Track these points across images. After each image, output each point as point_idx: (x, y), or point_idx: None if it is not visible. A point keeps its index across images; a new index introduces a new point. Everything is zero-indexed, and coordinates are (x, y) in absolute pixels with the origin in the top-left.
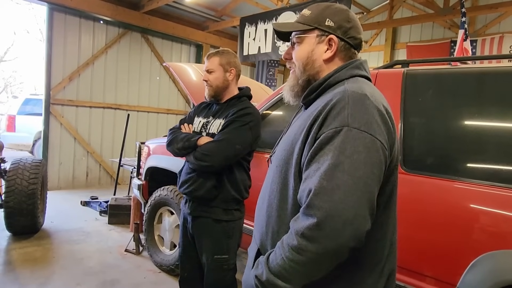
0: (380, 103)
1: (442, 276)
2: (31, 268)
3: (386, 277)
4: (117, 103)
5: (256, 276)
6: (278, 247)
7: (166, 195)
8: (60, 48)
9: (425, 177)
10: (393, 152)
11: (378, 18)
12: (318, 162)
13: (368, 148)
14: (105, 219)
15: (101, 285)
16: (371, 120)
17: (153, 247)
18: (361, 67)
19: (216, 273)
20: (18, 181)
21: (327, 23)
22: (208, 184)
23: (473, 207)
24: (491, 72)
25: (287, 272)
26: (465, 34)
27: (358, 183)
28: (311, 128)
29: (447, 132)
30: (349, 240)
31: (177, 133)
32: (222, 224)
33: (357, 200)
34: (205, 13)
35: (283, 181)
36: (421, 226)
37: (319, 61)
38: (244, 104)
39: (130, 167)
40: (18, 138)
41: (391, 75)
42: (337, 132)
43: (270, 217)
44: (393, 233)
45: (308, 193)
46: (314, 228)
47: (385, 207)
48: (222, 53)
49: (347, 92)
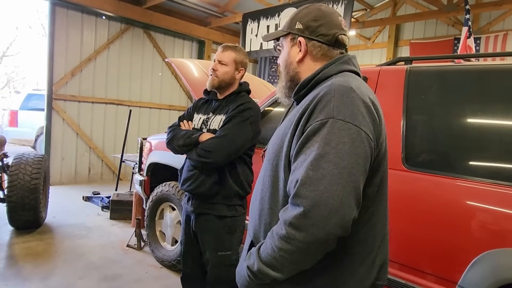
0: (366, 95)
1: (443, 273)
2: (33, 262)
3: (378, 268)
4: (119, 98)
5: (248, 267)
6: (269, 238)
7: (167, 191)
8: (62, 43)
9: (427, 175)
10: (379, 143)
11: (381, 15)
12: (305, 153)
13: (353, 139)
14: (107, 215)
15: (102, 279)
16: (356, 112)
17: (155, 242)
18: (350, 62)
19: (219, 270)
20: (21, 176)
21: (296, 26)
22: (210, 181)
23: (475, 205)
24: (495, 69)
25: (277, 261)
26: (468, 31)
27: (343, 173)
28: (299, 121)
29: (450, 129)
30: (336, 228)
31: (177, 130)
32: (225, 220)
33: (342, 189)
34: (207, 9)
35: (274, 174)
36: (423, 223)
37: (294, 63)
38: (244, 99)
39: (132, 163)
40: (20, 133)
41: (394, 72)
42: (323, 124)
43: (262, 209)
44: (384, 225)
45: (295, 183)
46: (301, 217)
47: (375, 198)
48: (239, 50)
49: (333, 86)
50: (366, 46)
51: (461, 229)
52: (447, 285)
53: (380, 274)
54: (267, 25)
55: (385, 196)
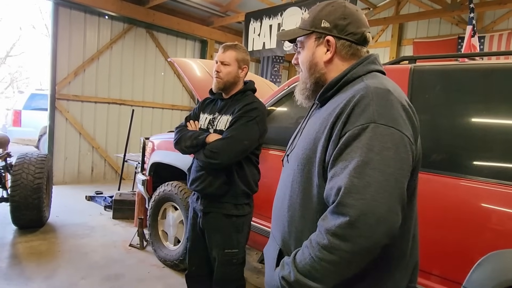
0: (403, 98)
1: (448, 274)
2: (36, 261)
3: (411, 270)
4: (122, 98)
5: (283, 277)
6: (306, 247)
7: (170, 190)
8: (65, 43)
9: (432, 175)
10: (417, 147)
11: (384, 14)
12: (346, 160)
13: (396, 144)
14: (109, 214)
15: (105, 279)
16: (397, 116)
17: (157, 242)
18: (376, 62)
19: (226, 267)
20: (24, 175)
21: (322, 25)
22: (218, 181)
23: (480, 205)
24: (500, 68)
25: (317, 272)
26: (473, 30)
27: (389, 180)
28: (334, 125)
29: (455, 129)
30: (383, 237)
31: (184, 131)
32: (233, 218)
33: (389, 197)
34: (210, 8)
35: (306, 180)
36: (428, 224)
37: (320, 63)
38: (250, 99)
39: (134, 163)
40: (24, 133)
41: (397, 71)
42: (363, 129)
43: (292, 216)
44: (415, 226)
45: (338, 191)
46: (347, 227)
47: (409, 201)
48: (239, 48)
49: (370, 88)
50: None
51: (466, 229)
52: (451, 285)
53: (413, 277)
54: (269, 24)
55: (416, 198)
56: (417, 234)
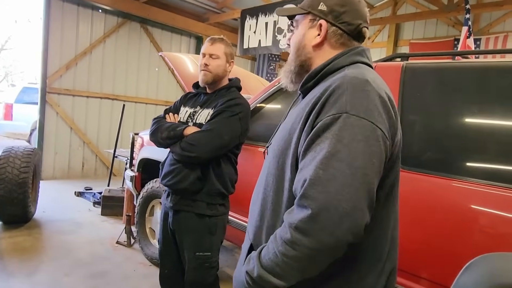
0: (383, 90)
1: (435, 277)
2: (19, 257)
3: (387, 275)
4: (114, 93)
5: (247, 272)
6: (271, 241)
7: (158, 187)
8: (57, 36)
9: (422, 175)
10: (395, 143)
11: (381, 14)
12: (315, 150)
13: (367, 137)
14: (98, 210)
15: (89, 276)
16: (371, 107)
17: (144, 239)
18: (363, 54)
19: (198, 271)
20: (9, 169)
21: (320, 7)
22: (192, 176)
23: (470, 207)
24: (493, 67)
25: (279, 268)
26: (468, 31)
27: (356, 174)
28: (308, 115)
29: (447, 128)
30: (347, 234)
31: (162, 122)
32: (205, 219)
33: (355, 192)
34: (206, 4)
35: (280, 172)
36: (417, 225)
37: (308, 46)
38: (234, 95)
39: (124, 158)
40: (15, 127)
41: (389, 68)
42: (335, 119)
43: (264, 210)
44: (394, 229)
45: (303, 183)
46: (308, 221)
47: (386, 201)
48: (227, 42)
49: (347, 77)
50: (366, 45)
51: (455, 231)
52: None
53: (389, 282)
54: (265, 22)
55: (396, 199)
56: (397, 237)
